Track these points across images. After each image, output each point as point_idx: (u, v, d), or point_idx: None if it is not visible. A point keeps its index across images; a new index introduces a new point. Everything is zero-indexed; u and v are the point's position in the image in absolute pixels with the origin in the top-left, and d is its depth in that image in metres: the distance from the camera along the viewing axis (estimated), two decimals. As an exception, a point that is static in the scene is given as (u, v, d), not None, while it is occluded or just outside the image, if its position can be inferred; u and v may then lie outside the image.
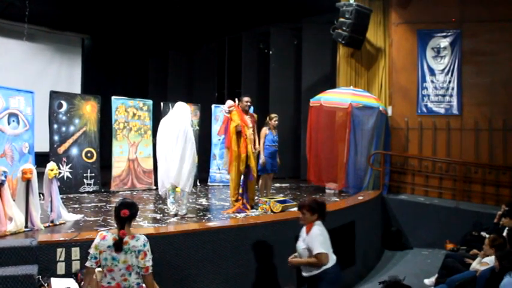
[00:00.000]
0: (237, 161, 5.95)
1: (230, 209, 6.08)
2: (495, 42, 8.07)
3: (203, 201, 7.12)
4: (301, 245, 3.66)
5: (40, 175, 4.77)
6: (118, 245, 2.94)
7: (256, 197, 6.56)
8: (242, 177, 6.11)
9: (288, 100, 10.58)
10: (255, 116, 6.50)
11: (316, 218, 3.64)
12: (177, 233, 4.48)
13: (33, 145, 5.79)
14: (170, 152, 5.56)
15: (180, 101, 6.11)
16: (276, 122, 7.05)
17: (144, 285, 3.06)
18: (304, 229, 3.71)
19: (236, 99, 6.23)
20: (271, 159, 6.95)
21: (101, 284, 3.07)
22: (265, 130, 6.95)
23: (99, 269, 3.45)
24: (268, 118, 7.08)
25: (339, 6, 8.15)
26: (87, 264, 3.03)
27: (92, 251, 3.01)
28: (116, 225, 3.09)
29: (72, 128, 7.32)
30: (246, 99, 6.21)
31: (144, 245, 3.00)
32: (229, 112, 6.10)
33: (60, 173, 6.92)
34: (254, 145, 6.22)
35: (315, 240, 3.52)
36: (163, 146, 5.65)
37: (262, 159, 6.73)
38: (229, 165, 6.04)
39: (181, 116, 5.70)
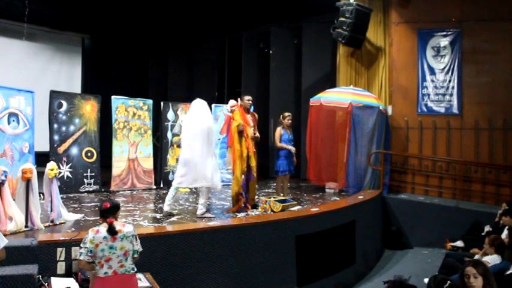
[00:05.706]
0: (240, 159, 5.96)
1: (231, 208, 6.09)
2: (495, 42, 8.05)
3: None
4: None
5: (40, 175, 4.77)
6: (112, 230, 3.17)
7: (256, 197, 6.56)
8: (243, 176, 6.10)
9: (288, 99, 10.55)
10: (256, 115, 6.50)
11: None
12: (177, 232, 4.48)
13: (33, 145, 5.79)
14: (196, 152, 5.50)
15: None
16: (290, 121, 6.95)
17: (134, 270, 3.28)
18: None
19: (238, 99, 6.26)
20: (288, 159, 6.88)
21: (96, 276, 3.18)
22: (279, 130, 6.88)
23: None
24: (281, 117, 6.99)
25: (339, 6, 8.14)
26: (82, 258, 3.16)
27: (87, 245, 3.15)
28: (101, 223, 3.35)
29: (72, 128, 7.31)
30: (247, 97, 6.29)
31: (134, 230, 3.35)
32: (232, 112, 6.11)
33: (60, 172, 6.92)
34: (255, 144, 6.22)
35: None
36: (188, 147, 5.58)
37: (292, 149, 6.83)
38: (233, 165, 6.04)
39: (203, 115, 5.65)
